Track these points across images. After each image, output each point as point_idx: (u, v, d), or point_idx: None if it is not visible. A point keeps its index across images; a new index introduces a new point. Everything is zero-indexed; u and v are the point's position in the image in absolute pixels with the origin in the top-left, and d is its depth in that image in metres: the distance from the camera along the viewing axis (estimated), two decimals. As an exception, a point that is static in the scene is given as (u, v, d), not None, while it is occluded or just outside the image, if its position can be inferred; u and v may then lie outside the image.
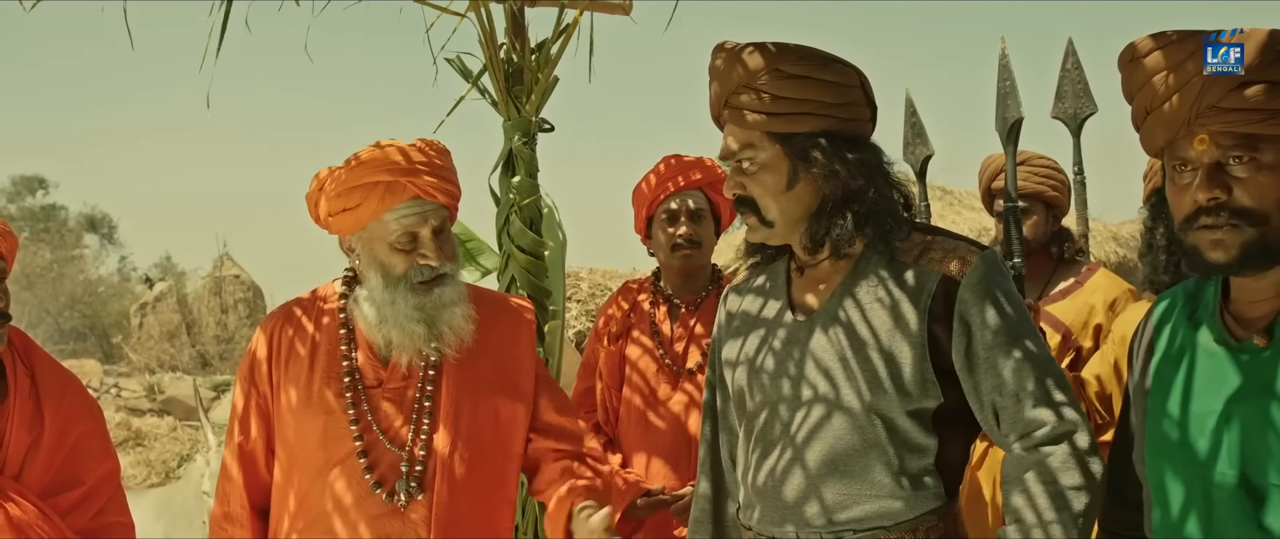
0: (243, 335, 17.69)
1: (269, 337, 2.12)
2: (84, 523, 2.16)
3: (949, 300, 1.72)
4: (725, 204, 2.83)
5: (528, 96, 3.21)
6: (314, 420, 2.03)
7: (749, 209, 1.82)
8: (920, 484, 1.73)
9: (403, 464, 2.02)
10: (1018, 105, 2.43)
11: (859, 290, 1.78)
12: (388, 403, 2.05)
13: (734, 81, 1.78)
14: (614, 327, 2.85)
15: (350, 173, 2.02)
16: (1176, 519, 1.44)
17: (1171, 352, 1.51)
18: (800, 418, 1.78)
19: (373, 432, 2.03)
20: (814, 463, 1.75)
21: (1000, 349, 1.68)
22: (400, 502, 2.00)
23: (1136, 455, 1.56)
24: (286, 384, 2.07)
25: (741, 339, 1.93)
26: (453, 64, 3.35)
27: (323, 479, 2.02)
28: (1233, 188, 1.36)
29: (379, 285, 2.04)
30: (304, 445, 2.05)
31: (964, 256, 1.75)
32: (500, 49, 3.20)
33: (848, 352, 1.75)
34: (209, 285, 18.35)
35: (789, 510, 1.77)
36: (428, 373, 2.07)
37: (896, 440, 1.72)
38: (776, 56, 1.77)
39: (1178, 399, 1.46)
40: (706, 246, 2.84)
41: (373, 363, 2.08)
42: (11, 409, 2.15)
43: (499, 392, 2.13)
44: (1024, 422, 1.66)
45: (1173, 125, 1.41)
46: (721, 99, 1.81)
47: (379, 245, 2.04)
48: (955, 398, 1.74)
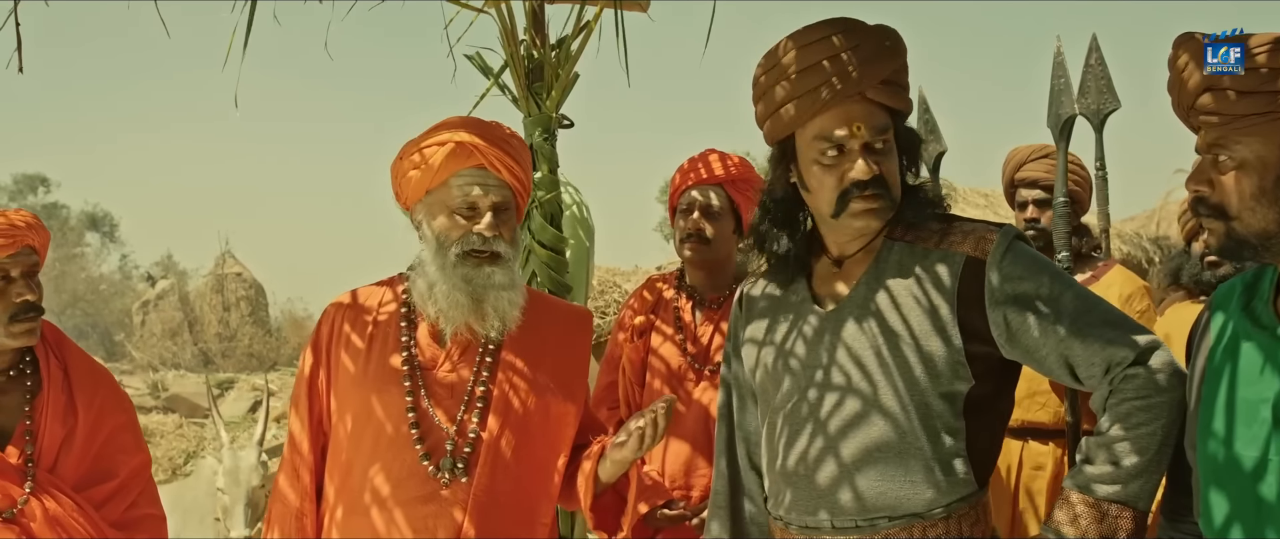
0: (245, 333, 17.70)
1: (330, 320, 2.16)
2: (118, 515, 2.18)
3: (977, 281, 1.74)
4: (749, 206, 2.83)
5: (548, 93, 3.22)
6: (370, 397, 2.06)
7: (883, 191, 1.80)
8: (952, 470, 1.75)
9: (449, 442, 2.04)
10: (1072, 102, 2.45)
11: (888, 280, 1.80)
12: (442, 384, 2.08)
13: (895, 59, 1.82)
14: (638, 322, 2.85)
15: (427, 132, 2.08)
16: (1226, 504, 1.46)
17: (1226, 340, 1.53)
18: (832, 406, 1.80)
19: (425, 409, 2.05)
20: (848, 453, 1.77)
21: (1052, 307, 1.70)
22: (444, 480, 2.02)
23: (1187, 441, 1.59)
24: (342, 365, 2.10)
25: (766, 323, 1.95)
26: (472, 60, 3.37)
27: (375, 454, 2.04)
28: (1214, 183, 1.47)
29: (432, 253, 2.06)
30: (357, 423, 2.07)
31: (984, 235, 1.78)
32: (520, 45, 3.22)
33: (881, 342, 1.77)
34: (211, 283, 18.35)
35: (822, 497, 1.79)
36: (484, 359, 2.10)
37: (930, 428, 1.74)
38: (897, 37, 1.84)
39: (1228, 386, 1.48)
40: (718, 243, 2.83)
41: (431, 344, 2.11)
42: (45, 403, 2.18)
43: (553, 388, 2.15)
44: (1104, 360, 1.68)
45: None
46: (876, 77, 1.79)
47: (439, 211, 2.06)
48: (985, 384, 1.76)
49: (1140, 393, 1.65)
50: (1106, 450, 1.67)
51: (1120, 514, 1.65)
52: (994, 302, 1.73)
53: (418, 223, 2.12)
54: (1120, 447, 1.65)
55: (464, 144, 2.04)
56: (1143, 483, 1.64)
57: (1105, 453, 1.67)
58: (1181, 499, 1.65)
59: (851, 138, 1.77)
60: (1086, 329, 1.69)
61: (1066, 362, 1.71)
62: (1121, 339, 1.68)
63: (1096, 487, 1.67)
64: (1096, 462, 1.68)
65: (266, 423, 5.50)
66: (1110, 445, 1.66)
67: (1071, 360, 1.70)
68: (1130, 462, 1.64)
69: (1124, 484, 1.65)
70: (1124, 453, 1.65)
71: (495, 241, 2.05)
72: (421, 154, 2.05)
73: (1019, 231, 1.80)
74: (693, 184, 2.84)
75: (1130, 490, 1.65)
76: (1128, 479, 1.64)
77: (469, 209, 2.05)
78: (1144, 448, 1.64)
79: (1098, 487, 1.66)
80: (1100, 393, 1.71)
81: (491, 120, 2.14)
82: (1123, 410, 1.66)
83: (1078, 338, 1.69)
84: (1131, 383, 1.66)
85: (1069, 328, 1.69)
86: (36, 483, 2.11)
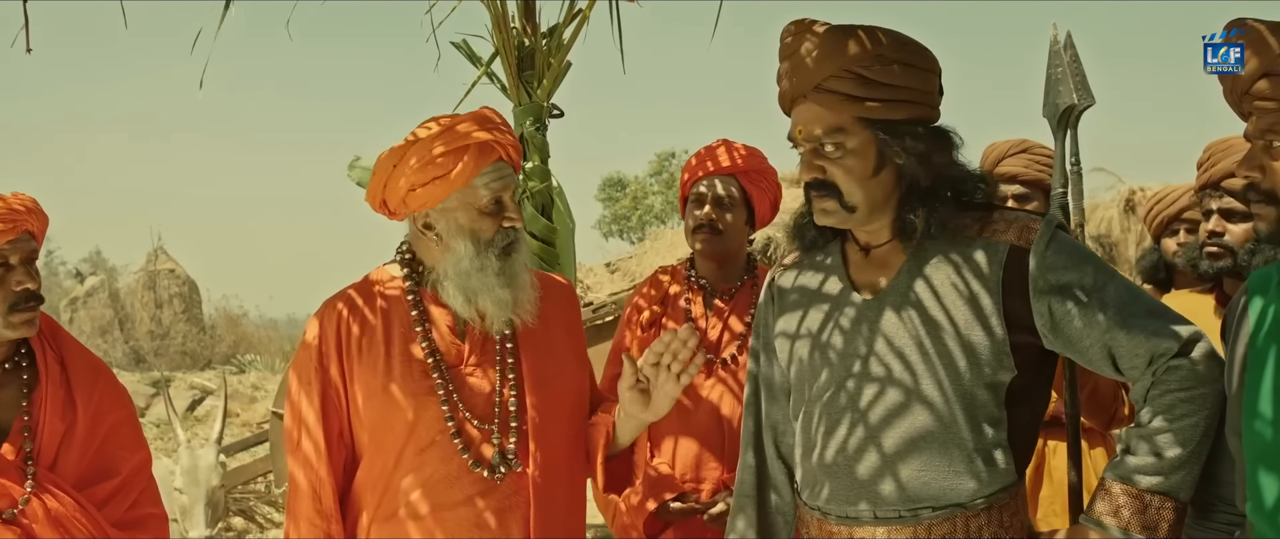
0: (178, 331, 17.28)
1: (334, 327, 2.05)
2: (120, 515, 2.08)
3: (1021, 270, 1.73)
4: (762, 197, 2.81)
5: (539, 82, 3.18)
6: (400, 408, 1.98)
7: (829, 193, 1.81)
8: (992, 461, 1.74)
9: (495, 437, 2.00)
10: (1070, 92, 2.44)
11: (928, 270, 1.79)
12: (473, 380, 2.03)
13: (831, 65, 1.75)
14: (646, 314, 2.81)
15: (442, 137, 1.98)
16: (1276, 486, 1.47)
17: (1268, 325, 1.54)
18: (872, 396, 1.78)
19: (461, 411, 2.00)
20: (890, 444, 1.76)
21: (1096, 298, 1.70)
22: (499, 477, 1.98)
23: (1231, 428, 1.60)
24: (361, 374, 2.01)
25: (800, 314, 1.92)
26: (460, 48, 3.31)
27: (411, 465, 1.98)
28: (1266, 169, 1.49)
29: (469, 254, 2.00)
30: (389, 433, 1.99)
31: (1027, 224, 1.77)
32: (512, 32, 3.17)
33: (923, 332, 1.76)
34: (142, 280, 17.88)
35: (863, 488, 1.77)
36: (505, 347, 2.06)
37: (973, 419, 1.74)
38: (882, 42, 1.76)
39: (1275, 370, 1.49)
40: (730, 234, 2.78)
41: (451, 342, 2.05)
42: (43, 397, 2.07)
43: (570, 362, 2.15)
44: (1148, 352, 1.69)
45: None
46: (811, 82, 1.77)
47: (467, 212, 2.01)
48: (1027, 373, 1.76)
49: (1184, 384, 1.66)
50: (1149, 441, 1.68)
51: (1162, 505, 1.66)
52: (1038, 291, 1.73)
53: (429, 226, 2.04)
54: (1163, 438, 1.66)
55: (486, 143, 1.99)
56: (1185, 474, 1.66)
57: (1148, 444, 1.68)
58: (1213, 492, 1.67)
59: (799, 139, 1.80)
60: (1131, 320, 1.69)
61: (1109, 352, 1.71)
62: (1165, 330, 1.69)
63: (1139, 478, 1.68)
64: (1139, 453, 1.69)
65: (224, 421, 5.36)
66: (1153, 436, 1.67)
67: (1114, 351, 1.71)
68: (1173, 453, 1.66)
69: (1167, 475, 1.66)
70: (1167, 444, 1.66)
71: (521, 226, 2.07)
72: (438, 162, 1.97)
73: (1061, 221, 1.80)
74: (704, 175, 2.80)
75: (1172, 481, 1.66)
76: (1171, 470, 1.66)
77: (496, 206, 2.02)
78: (1187, 439, 1.65)
79: (1140, 477, 1.67)
80: (1142, 384, 1.71)
81: (480, 110, 2.09)
82: (1166, 402, 1.67)
83: (1122, 329, 1.69)
84: (1175, 374, 1.67)
85: (1113, 318, 1.70)
86: (37, 481, 2.00)
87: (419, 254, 2.09)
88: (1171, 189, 3.37)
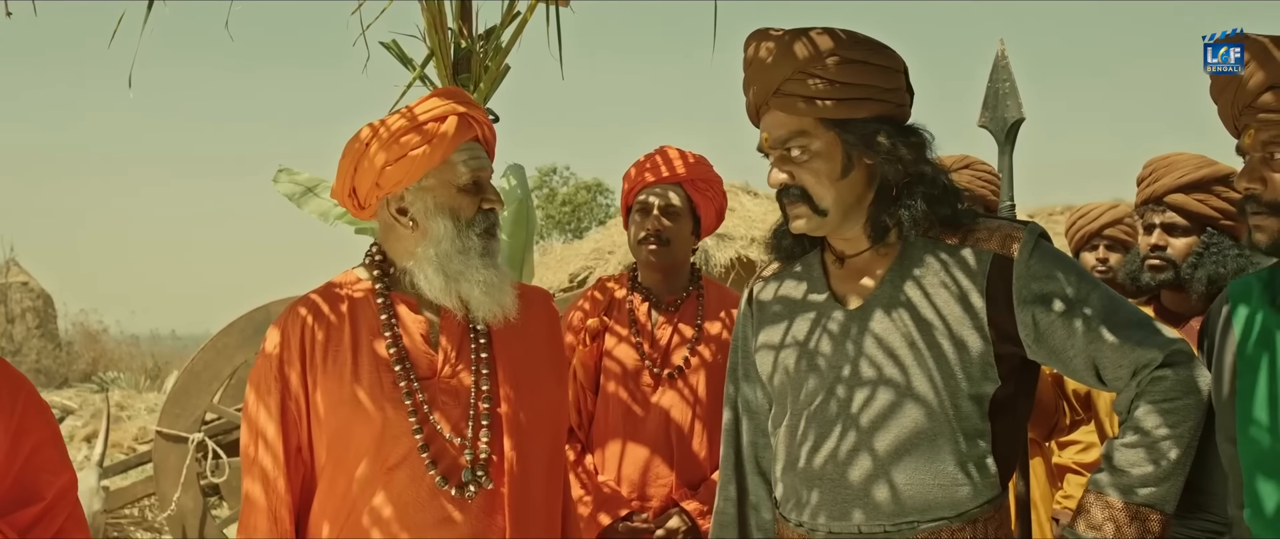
0: (31, 346, 16.27)
1: (297, 332, 1.91)
2: (44, 542, 1.88)
3: (1005, 279, 1.73)
4: (707, 206, 2.77)
5: (475, 85, 3.08)
6: (367, 421, 1.84)
7: (799, 198, 1.78)
8: (984, 470, 1.74)
9: (467, 453, 1.87)
10: (1018, 106, 2.48)
11: (916, 274, 1.78)
12: (444, 393, 1.90)
13: (786, 68, 1.74)
14: (591, 324, 2.71)
15: (420, 106, 1.90)
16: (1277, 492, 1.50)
17: (1255, 333, 1.58)
18: (862, 401, 1.76)
19: (432, 426, 1.87)
20: (883, 448, 1.73)
21: (1080, 307, 1.71)
22: (469, 494, 1.85)
23: (1223, 434, 1.63)
24: (324, 382, 1.87)
25: (784, 324, 1.89)
26: (390, 49, 3.18)
27: (379, 481, 1.84)
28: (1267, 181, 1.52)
29: (449, 233, 1.88)
30: (354, 448, 1.85)
31: (1010, 233, 1.77)
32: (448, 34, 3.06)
33: (915, 335, 1.75)
34: (-8, 293, 16.77)
35: (856, 497, 1.75)
36: (480, 357, 1.93)
37: (963, 426, 1.73)
38: (835, 42, 1.74)
39: (1268, 376, 1.53)
40: (676, 245, 2.73)
41: (423, 351, 1.92)
42: (-43, 415, 1.86)
43: (546, 374, 2.03)
44: (1132, 363, 1.69)
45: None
46: (770, 87, 1.76)
47: (446, 190, 1.90)
48: (1009, 384, 1.76)
49: (1169, 395, 1.68)
50: (1134, 452, 1.69)
51: (1149, 517, 1.68)
52: (1022, 301, 1.73)
53: (403, 210, 1.92)
54: (1149, 450, 1.68)
55: (465, 116, 1.91)
56: (1170, 485, 1.68)
57: (1133, 455, 1.69)
58: (1192, 497, 1.70)
59: (766, 146, 1.80)
60: (1115, 330, 1.71)
61: (1093, 362, 1.72)
62: (1149, 341, 1.70)
63: (1125, 489, 1.69)
64: (1124, 464, 1.70)
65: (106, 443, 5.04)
66: (1138, 447, 1.69)
67: (1098, 361, 1.72)
68: (1160, 464, 1.67)
69: (1154, 486, 1.67)
70: (1153, 456, 1.68)
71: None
72: (421, 132, 1.87)
73: (1043, 229, 1.82)
74: (651, 183, 2.74)
75: (1160, 492, 1.67)
76: (1157, 481, 1.67)
77: (474, 185, 1.92)
78: (1174, 450, 1.67)
79: (1127, 489, 1.69)
80: (1127, 394, 1.73)
81: (450, 88, 2.03)
82: (1152, 413, 1.69)
83: (1106, 339, 1.70)
84: (1160, 385, 1.68)
85: (1097, 328, 1.70)
86: None
87: (390, 252, 1.97)
88: (1094, 206, 3.49)
